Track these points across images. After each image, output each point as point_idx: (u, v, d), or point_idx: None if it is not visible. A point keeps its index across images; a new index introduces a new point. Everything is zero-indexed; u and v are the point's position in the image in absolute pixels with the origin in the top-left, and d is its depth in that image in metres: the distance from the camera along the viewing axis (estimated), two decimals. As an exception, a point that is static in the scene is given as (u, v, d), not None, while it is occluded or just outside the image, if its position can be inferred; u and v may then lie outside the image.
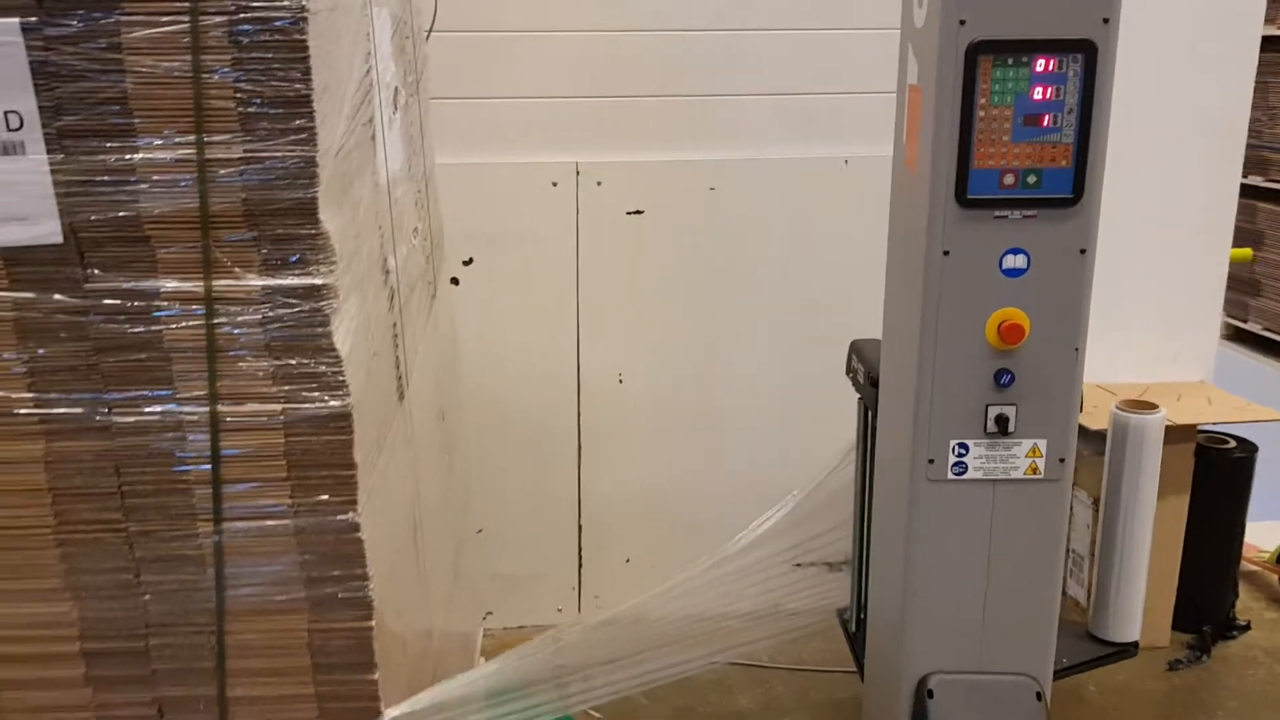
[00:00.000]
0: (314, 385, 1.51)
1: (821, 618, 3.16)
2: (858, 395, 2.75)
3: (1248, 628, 3.39)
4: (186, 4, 1.33)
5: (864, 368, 2.66)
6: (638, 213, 3.26)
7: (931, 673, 2.28)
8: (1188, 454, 3.19)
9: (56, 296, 1.46)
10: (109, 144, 1.41)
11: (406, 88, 2.11)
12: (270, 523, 1.56)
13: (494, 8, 3.06)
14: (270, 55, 1.38)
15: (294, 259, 1.47)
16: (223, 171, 1.42)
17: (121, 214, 1.43)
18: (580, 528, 3.46)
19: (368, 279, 1.69)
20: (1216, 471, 3.27)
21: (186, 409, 1.50)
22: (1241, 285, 6.55)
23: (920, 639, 2.29)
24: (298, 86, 1.40)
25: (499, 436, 3.31)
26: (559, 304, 3.29)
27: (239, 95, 1.39)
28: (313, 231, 1.46)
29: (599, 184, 3.21)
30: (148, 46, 1.37)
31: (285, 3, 1.36)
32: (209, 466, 1.51)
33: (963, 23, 1.96)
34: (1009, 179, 2.04)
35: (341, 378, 1.51)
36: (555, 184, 3.19)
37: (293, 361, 1.50)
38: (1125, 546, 2.78)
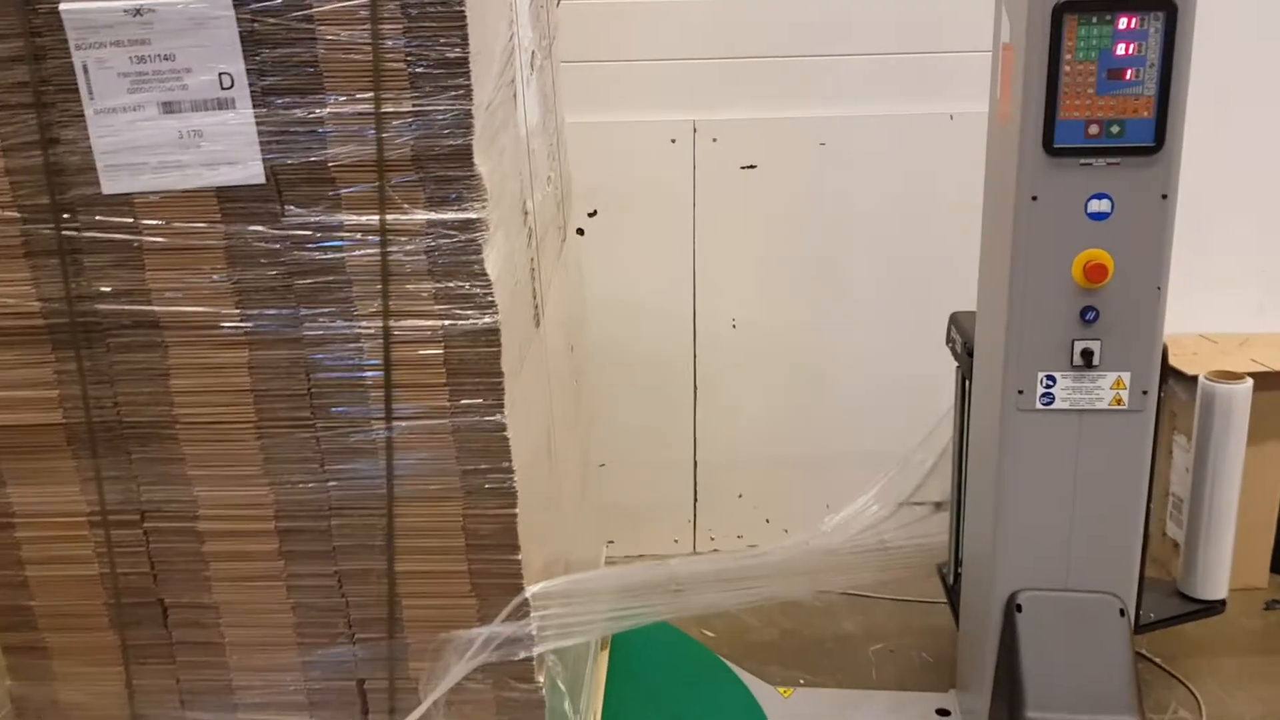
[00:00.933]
0: (469, 305, 1.76)
1: (927, 555, 3.31)
2: (955, 364, 2.88)
3: (1347, 576, 3.40)
4: None
5: (961, 338, 2.79)
6: (751, 167, 3.43)
7: (1020, 589, 2.46)
8: None
9: (259, 228, 1.74)
10: (302, 100, 1.68)
11: (541, 51, 2.35)
12: (431, 422, 1.81)
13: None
14: (434, 24, 1.63)
15: (453, 197, 1.72)
16: (394, 123, 1.67)
17: (312, 159, 1.70)
18: (696, 464, 3.67)
19: (511, 218, 1.93)
20: None
21: (363, 324, 1.77)
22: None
23: (1011, 558, 2.46)
24: (457, 50, 1.65)
25: (620, 377, 3.51)
26: (677, 253, 3.48)
27: (409, 59, 1.64)
28: (468, 174, 1.71)
29: (715, 140, 3.39)
30: (334, 18, 1.63)
31: None
32: (381, 373, 1.78)
33: None
34: (1094, 129, 2.19)
35: (491, 298, 1.75)
36: (674, 141, 3.37)
37: (451, 284, 1.75)
38: (1213, 510, 2.87)
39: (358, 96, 1.66)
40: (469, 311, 1.76)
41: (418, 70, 1.65)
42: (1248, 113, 3.39)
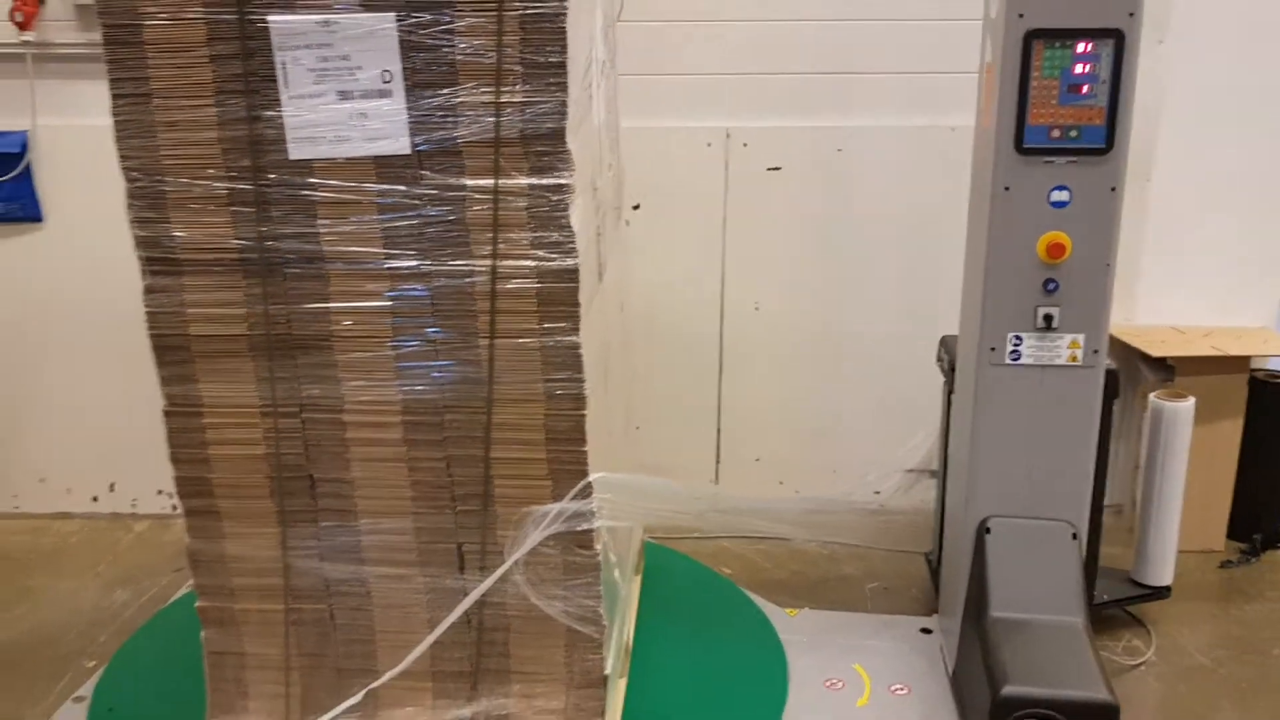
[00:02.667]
0: (556, 250, 2.26)
1: (923, 514, 3.73)
2: (943, 380, 3.29)
3: (1298, 541, 3.83)
4: (495, 5, 2.11)
5: (949, 357, 3.21)
6: (776, 169, 3.90)
7: (990, 516, 2.91)
8: (1241, 384, 3.73)
9: (402, 188, 2.25)
10: (440, 92, 2.19)
11: (608, 63, 2.86)
12: (523, 340, 2.32)
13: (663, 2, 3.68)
14: (542, 36, 2.14)
15: (548, 168, 2.23)
16: (508, 110, 2.18)
17: (445, 137, 2.22)
18: (719, 430, 4.13)
19: (585, 191, 2.43)
20: (1272, 400, 3.77)
21: (476, 264, 2.28)
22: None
23: (982, 489, 2.91)
24: (556, 56, 2.16)
25: (654, 350, 3.95)
26: (708, 243, 3.93)
27: (522, 61, 2.16)
28: (561, 150, 2.22)
29: (745, 145, 3.87)
30: (470, 32, 2.14)
31: (553, 2, 2.12)
32: (489, 302, 2.29)
33: (1021, 16, 2.60)
34: (1056, 133, 2.66)
35: (573, 245, 2.25)
36: (709, 145, 3.85)
37: (543, 234, 2.25)
38: (1160, 510, 3.32)
39: (481, 90, 2.18)
40: (556, 255, 2.26)
41: (528, 70, 2.16)
42: (1219, 129, 3.81)
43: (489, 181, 2.21)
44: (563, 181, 2.21)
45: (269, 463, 2.44)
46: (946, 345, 3.27)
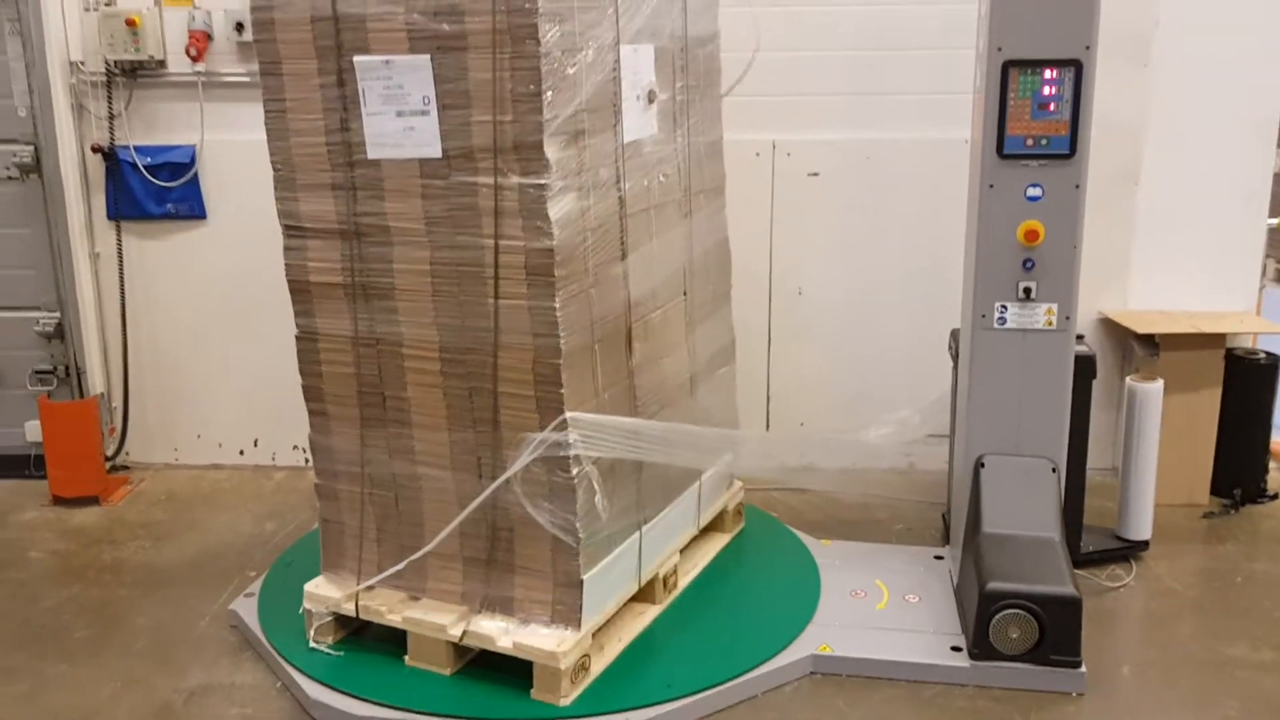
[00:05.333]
0: (538, 233, 2.79)
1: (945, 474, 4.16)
2: (953, 364, 3.72)
3: (1275, 498, 4.29)
4: (493, 49, 2.71)
5: (956, 347, 3.63)
6: (815, 175, 4.44)
7: (984, 454, 3.42)
8: (1218, 358, 4.19)
9: (437, 182, 2.89)
10: (458, 112, 2.81)
11: (673, 90, 3.35)
12: (516, 302, 2.87)
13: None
14: (525, 74, 2.70)
15: (530, 170, 2.77)
16: (503, 126, 2.75)
17: (462, 145, 2.83)
18: (768, 398, 4.67)
19: (592, 189, 2.92)
20: (1247, 374, 4.22)
21: (484, 240, 2.86)
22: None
23: (976, 431, 3.42)
24: (535, 88, 2.71)
25: None
26: (758, 236, 4.45)
27: (512, 91, 2.73)
28: (541, 158, 2.75)
29: (789, 155, 4.42)
30: (476, 69, 2.76)
31: (533, 50, 2.67)
32: (493, 269, 2.86)
33: (999, 49, 3.15)
34: (1029, 142, 3.19)
35: (551, 231, 2.77)
36: (757, 154, 4.39)
37: (529, 221, 2.80)
38: (1136, 475, 3.81)
39: (485, 111, 2.78)
40: (538, 238, 2.81)
41: (516, 98, 2.75)
42: (1198, 140, 4.27)
43: (491, 180, 2.84)
44: (542, 182, 2.78)
45: (356, 380, 3.16)
46: (955, 337, 3.74)
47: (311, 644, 3.30)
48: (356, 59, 2.91)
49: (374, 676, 3.16)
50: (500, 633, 3.06)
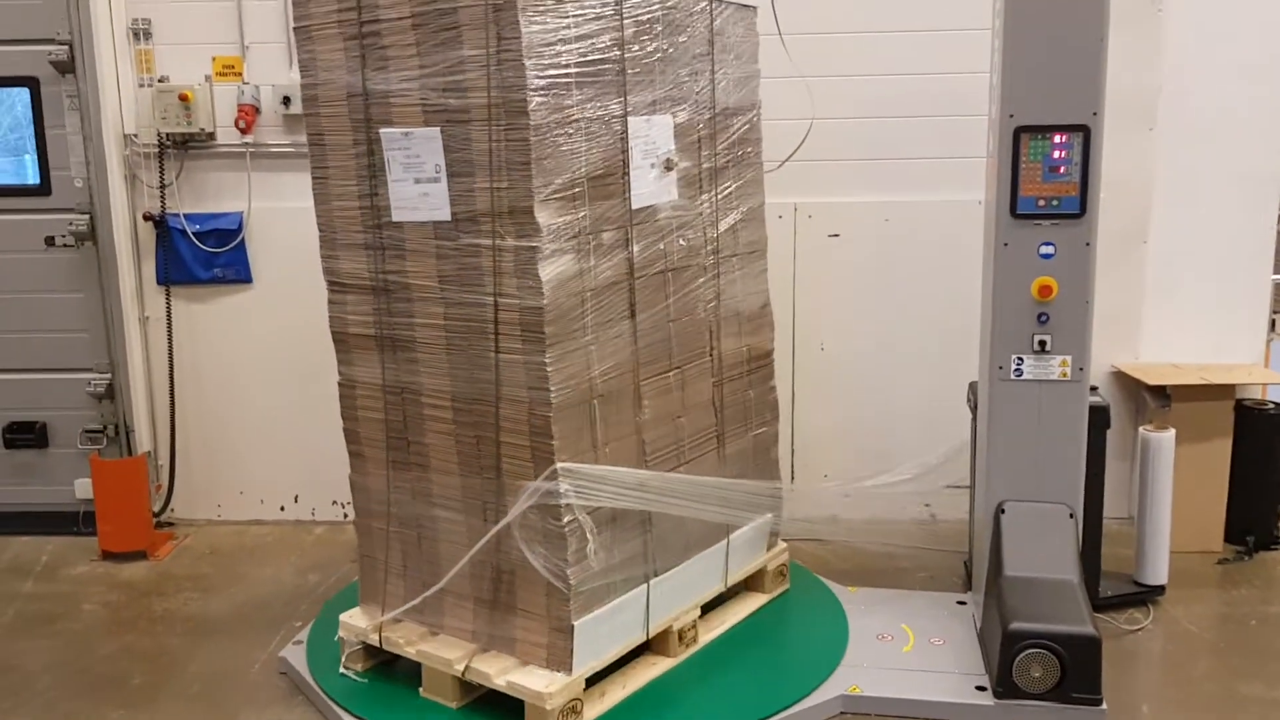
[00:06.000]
0: (531, 292, 2.96)
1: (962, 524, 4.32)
2: (971, 416, 3.85)
3: (1288, 544, 4.35)
4: (489, 122, 2.92)
5: (975, 399, 3.77)
6: (835, 235, 4.62)
7: (1004, 500, 3.54)
8: (1228, 409, 4.32)
9: (447, 243, 3.11)
10: (464, 179, 3.03)
11: (698, 158, 3.49)
12: (513, 356, 3.04)
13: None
14: (516, 146, 2.91)
15: (523, 234, 2.96)
16: (499, 192, 2.96)
17: (468, 209, 3.04)
18: (793, 450, 4.80)
19: (593, 251, 3.08)
20: (1257, 424, 4.35)
21: (486, 298, 3.04)
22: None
23: (997, 479, 3.55)
24: (524, 158, 2.91)
25: None
26: (781, 294, 4.53)
27: (507, 160, 2.93)
28: (532, 222, 2.94)
29: (810, 216, 4.60)
30: (476, 141, 2.97)
31: (523, 123, 2.87)
32: (494, 325, 3.02)
33: (1011, 115, 3.33)
34: (1041, 202, 3.36)
35: (542, 290, 2.94)
36: (780, 216, 4.55)
37: (523, 280, 2.96)
38: (1152, 521, 3.93)
39: (484, 178, 2.99)
40: (531, 296, 2.98)
41: (509, 167, 2.95)
42: (1204, 199, 4.44)
43: (491, 241, 3.05)
44: (534, 244, 2.97)
45: (384, 425, 3.37)
46: (973, 389, 3.88)
47: (341, 670, 3.50)
48: (382, 131, 3.17)
49: (390, 706, 3.38)
50: (498, 671, 3.21)
